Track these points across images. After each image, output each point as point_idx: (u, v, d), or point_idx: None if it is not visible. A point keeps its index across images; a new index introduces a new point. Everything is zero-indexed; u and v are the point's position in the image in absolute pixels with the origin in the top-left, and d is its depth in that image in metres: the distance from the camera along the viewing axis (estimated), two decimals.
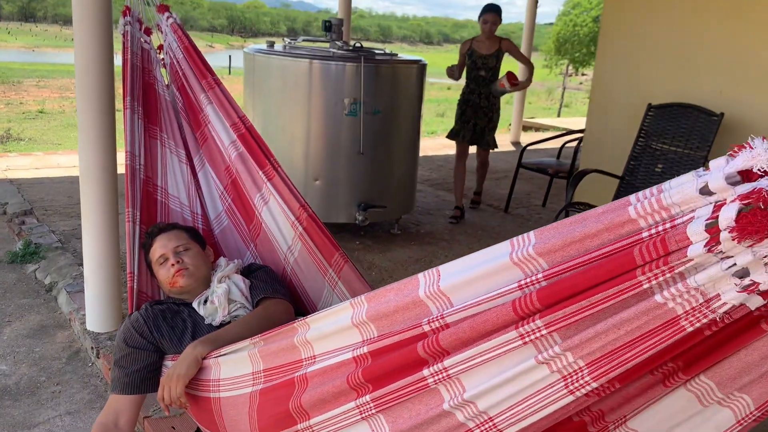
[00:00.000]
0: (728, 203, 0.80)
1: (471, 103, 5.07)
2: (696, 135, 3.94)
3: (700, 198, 0.84)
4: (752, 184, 0.78)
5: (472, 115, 5.08)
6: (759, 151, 0.79)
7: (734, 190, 0.80)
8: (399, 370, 1.22)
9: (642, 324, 0.91)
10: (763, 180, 0.78)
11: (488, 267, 1.08)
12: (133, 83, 2.34)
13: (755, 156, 0.79)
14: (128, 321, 1.98)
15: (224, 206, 2.42)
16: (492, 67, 5.01)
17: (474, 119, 5.08)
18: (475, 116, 5.07)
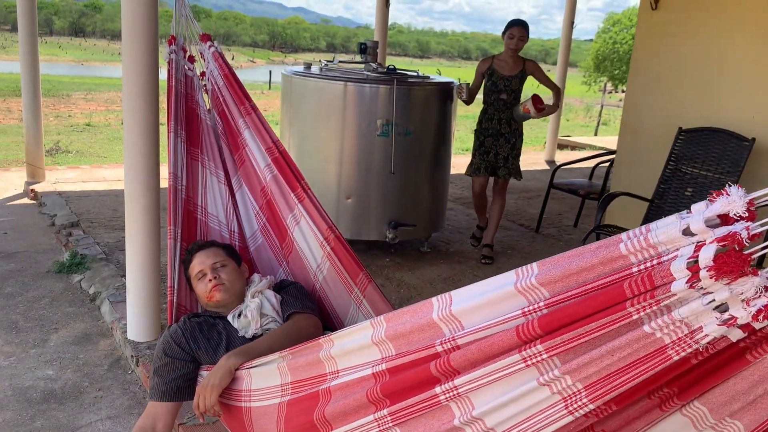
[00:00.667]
0: (707, 244, 0.88)
1: (490, 131, 4.51)
2: (727, 160, 3.95)
3: (683, 238, 0.92)
4: (728, 227, 0.86)
5: (492, 145, 4.51)
6: (734, 198, 0.87)
7: (713, 232, 0.88)
8: (414, 386, 1.32)
9: (633, 351, 0.99)
10: (738, 224, 0.86)
11: (495, 294, 1.18)
12: (177, 108, 2.49)
13: (731, 202, 0.87)
14: (168, 332, 2.11)
15: (259, 225, 2.55)
16: (515, 90, 4.47)
17: (495, 149, 4.51)
18: (496, 145, 4.50)
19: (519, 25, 4.42)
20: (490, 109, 4.52)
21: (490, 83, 4.49)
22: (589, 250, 1.03)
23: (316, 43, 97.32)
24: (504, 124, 4.48)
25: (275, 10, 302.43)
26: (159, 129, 3.01)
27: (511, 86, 4.46)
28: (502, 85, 4.46)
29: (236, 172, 2.61)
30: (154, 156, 2.99)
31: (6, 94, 16.47)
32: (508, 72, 4.46)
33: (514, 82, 4.47)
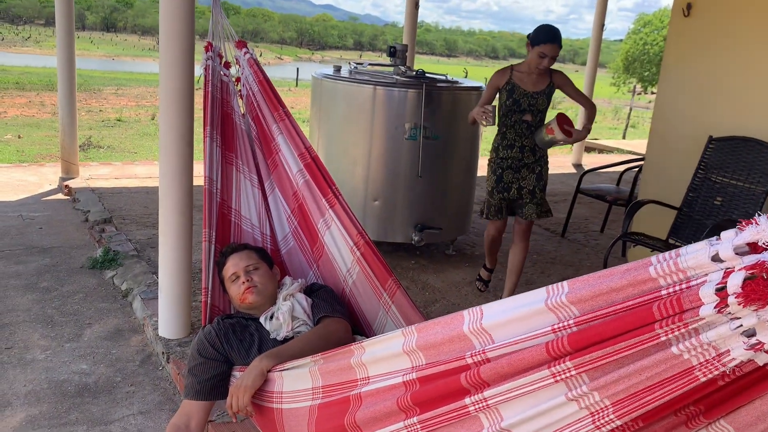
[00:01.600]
0: (736, 271, 0.90)
1: (510, 161, 3.57)
2: (758, 170, 3.92)
3: (712, 264, 0.94)
4: (757, 256, 0.89)
5: (513, 179, 3.59)
6: (764, 227, 0.89)
7: (741, 260, 0.90)
8: (444, 396, 1.35)
9: (661, 371, 1.02)
10: (766, 253, 0.88)
11: (525, 310, 1.21)
12: (213, 114, 2.55)
13: (760, 231, 0.89)
14: (202, 333, 2.18)
15: (291, 228, 2.61)
16: (542, 110, 3.57)
17: (517, 182, 3.59)
18: (518, 178, 3.58)
19: (554, 42, 3.40)
20: (510, 133, 3.55)
21: (510, 101, 3.51)
22: (619, 272, 1.06)
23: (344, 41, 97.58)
24: (528, 153, 3.55)
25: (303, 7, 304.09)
26: (194, 129, 3.08)
27: (537, 105, 3.51)
28: (526, 104, 3.50)
29: (269, 176, 2.67)
30: (188, 156, 3.06)
31: (39, 88, 16.82)
32: (533, 87, 3.51)
33: (541, 100, 3.52)
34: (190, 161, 3.08)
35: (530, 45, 3.50)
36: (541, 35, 3.44)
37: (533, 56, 3.46)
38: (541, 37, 3.44)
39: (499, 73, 3.63)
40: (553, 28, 3.48)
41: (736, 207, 3.95)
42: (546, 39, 3.43)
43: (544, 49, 3.42)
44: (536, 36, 3.46)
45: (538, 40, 3.44)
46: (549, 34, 3.43)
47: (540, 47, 3.43)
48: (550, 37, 3.43)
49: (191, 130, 3.06)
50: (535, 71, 3.49)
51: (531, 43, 3.49)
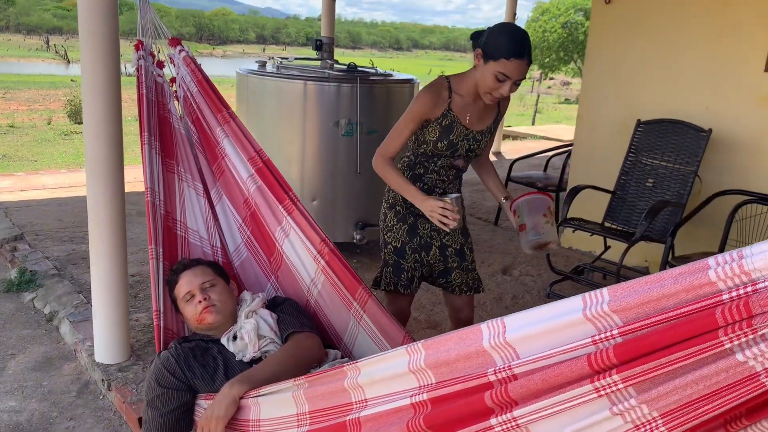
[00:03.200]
0: None
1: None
2: (685, 150, 4.05)
3: None
4: None
5: (434, 233, 2.44)
6: None
7: None
8: (464, 418, 1.25)
9: (721, 380, 0.96)
10: None
11: (559, 321, 1.12)
12: (149, 118, 2.34)
13: None
14: (159, 361, 1.98)
15: (243, 238, 2.43)
16: (480, 153, 2.47)
17: (439, 238, 2.44)
18: (440, 232, 2.44)
19: (523, 57, 2.15)
20: (430, 178, 2.41)
21: (444, 144, 2.33)
22: (670, 277, 0.99)
23: (245, 35, 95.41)
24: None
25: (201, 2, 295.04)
26: (123, 135, 2.83)
27: (478, 149, 2.41)
28: (465, 148, 2.37)
29: (215, 183, 2.48)
30: (117, 163, 2.80)
31: None
32: (478, 124, 2.37)
33: (484, 142, 2.43)
34: (120, 169, 2.82)
35: (482, 56, 2.19)
36: (504, 45, 2.13)
37: (487, 76, 2.18)
38: (504, 48, 2.13)
39: (431, 95, 2.29)
40: (521, 34, 2.18)
41: (668, 188, 4.07)
42: (512, 52, 2.13)
43: (508, 68, 2.13)
44: (495, 45, 2.15)
45: (498, 52, 2.14)
46: (517, 45, 2.14)
47: (500, 64, 2.13)
48: (519, 50, 2.13)
49: (120, 134, 2.80)
50: (485, 98, 2.25)
51: (485, 54, 2.18)
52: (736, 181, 3.96)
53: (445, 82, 2.34)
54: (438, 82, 2.34)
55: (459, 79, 2.34)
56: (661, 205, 3.81)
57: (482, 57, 2.20)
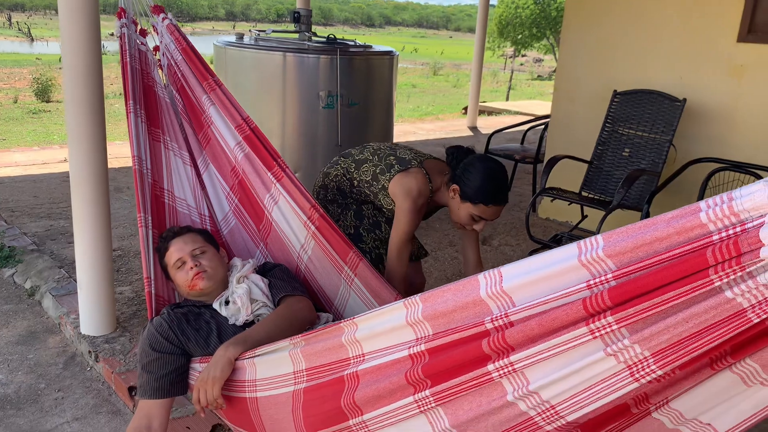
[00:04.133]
0: None
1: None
2: (661, 120, 4.13)
3: None
4: None
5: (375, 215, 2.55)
6: None
7: None
8: (462, 365, 1.30)
9: (710, 317, 1.01)
10: None
11: (554, 269, 1.17)
12: (134, 86, 2.32)
13: None
14: (152, 326, 1.99)
15: (231, 207, 2.44)
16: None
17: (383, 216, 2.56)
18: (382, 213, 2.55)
19: (502, 203, 2.23)
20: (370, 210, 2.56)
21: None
22: (662, 221, 1.04)
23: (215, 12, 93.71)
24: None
25: None
26: (104, 109, 2.81)
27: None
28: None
29: (201, 152, 2.47)
30: (100, 136, 2.78)
31: None
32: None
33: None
34: (102, 142, 2.81)
35: (459, 194, 2.24)
36: (483, 191, 2.18)
37: (462, 213, 2.26)
38: (483, 194, 2.18)
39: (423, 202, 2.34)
40: (500, 178, 2.21)
41: (643, 157, 4.16)
42: (492, 199, 2.19)
43: (486, 213, 2.22)
44: (474, 188, 2.19)
45: (477, 196, 2.19)
46: (497, 191, 2.19)
47: (478, 208, 2.21)
48: (499, 196, 2.20)
49: (102, 107, 2.78)
50: (454, 224, 2.38)
51: (462, 193, 2.23)
52: (709, 150, 4.06)
53: (429, 196, 2.36)
54: (425, 196, 2.34)
55: (437, 188, 2.37)
56: (637, 173, 3.89)
57: (459, 195, 2.24)
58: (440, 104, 13.81)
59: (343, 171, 2.53)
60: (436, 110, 12.54)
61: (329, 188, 2.57)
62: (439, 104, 13.81)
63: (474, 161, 2.26)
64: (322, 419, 1.59)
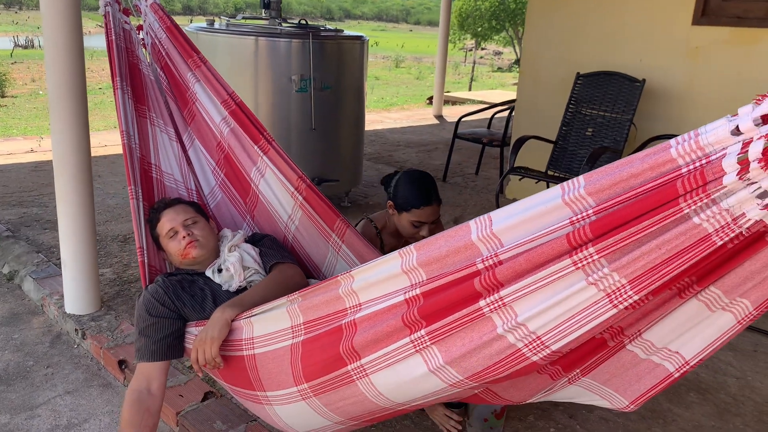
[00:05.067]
0: (755, 140, 1.03)
1: None
2: (621, 100, 4.31)
3: (731, 138, 1.07)
4: None
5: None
6: None
7: (759, 131, 1.03)
8: (455, 304, 1.41)
9: (680, 243, 1.14)
10: None
11: (539, 209, 1.29)
12: (120, 64, 2.37)
13: None
14: (147, 293, 2.06)
15: (217, 181, 2.51)
16: None
17: None
18: None
19: (430, 203, 2.37)
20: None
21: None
22: (637, 158, 1.16)
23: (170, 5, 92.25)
24: None
25: None
26: (86, 92, 2.85)
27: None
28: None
29: (186, 128, 2.54)
30: (82, 117, 2.82)
31: None
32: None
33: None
34: (85, 122, 2.85)
35: (395, 208, 2.42)
36: (411, 196, 2.36)
37: (405, 225, 2.41)
38: (412, 199, 2.35)
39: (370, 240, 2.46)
40: (425, 182, 2.39)
41: (606, 136, 4.34)
42: (421, 201, 2.34)
43: (422, 215, 2.36)
44: (404, 197, 2.38)
45: (408, 203, 2.36)
46: (423, 193, 2.36)
47: (413, 214, 2.36)
48: (426, 197, 2.35)
49: (83, 88, 2.82)
50: (409, 239, 2.45)
51: (396, 206, 2.41)
52: (667, 127, 4.25)
53: (376, 234, 2.57)
54: (371, 235, 2.53)
55: (382, 221, 2.59)
56: (600, 151, 4.07)
57: (395, 209, 2.44)
58: (404, 95, 13.93)
59: None
60: (401, 101, 12.66)
61: None
62: (403, 95, 13.93)
63: (398, 176, 2.46)
64: (320, 367, 1.69)
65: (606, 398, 1.67)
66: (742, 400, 2.65)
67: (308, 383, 1.74)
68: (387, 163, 6.34)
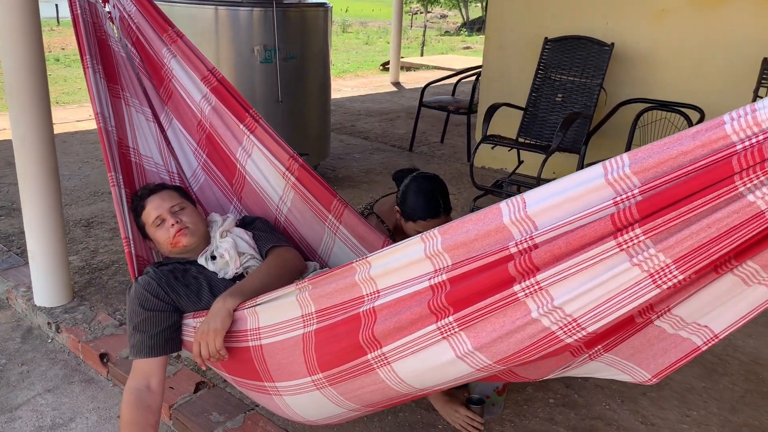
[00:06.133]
0: None
1: None
2: (591, 65, 4.31)
3: None
4: None
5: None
6: None
7: None
8: (486, 290, 1.36)
9: (730, 221, 1.11)
10: None
11: (579, 190, 1.24)
12: (88, 40, 2.21)
13: None
14: (138, 286, 1.95)
15: (199, 162, 2.39)
16: None
17: None
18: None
19: (438, 216, 2.27)
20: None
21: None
22: (687, 136, 1.12)
23: None
24: None
25: None
26: (46, 71, 2.66)
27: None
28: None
29: (164, 107, 2.39)
30: (43, 100, 2.64)
31: None
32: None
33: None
34: (46, 102, 2.66)
35: (402, 215, 2.34)
36: (420, 208, 2.27)
37: (410, 231, 2.31)
38: (420, 211, 2.27)
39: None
40: (434, 193, 2.29)
41: (576, 101, 4.34)
42: (428, 214, 2.26)
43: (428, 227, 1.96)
44: (412, 207, 2.29)
45: (415, 214, 2.28)
46: (431, 206, 2.26)
47: (419, 225, 2.27)
48: (434, 211, 2.26)
49: (43, 64, 2.63)
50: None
51: (403, 214, 2.32)
52: (636, 91, 4.28)
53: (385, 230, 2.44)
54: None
55: (392, 223, 2.47)
56: (573, 116, 4.07)
57: (402, 216, 2.33)
58: (355, 61, 13.71)
59: None
60: (353, 67, 12.46)
61: None
62: (354, 61, 13.71)
63: (409, 182, 2.35)
64: (337, 356, 1.62)
65: (628, 372, 1.66)
66: (728, 359, 2.71)
67: (323, 373, 1.67)
68: (350, 134, 6.23)
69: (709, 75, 4.08)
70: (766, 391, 2.52)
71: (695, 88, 4.10)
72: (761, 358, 2.74)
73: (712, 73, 4.07)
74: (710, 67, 4.07)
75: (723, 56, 4.01)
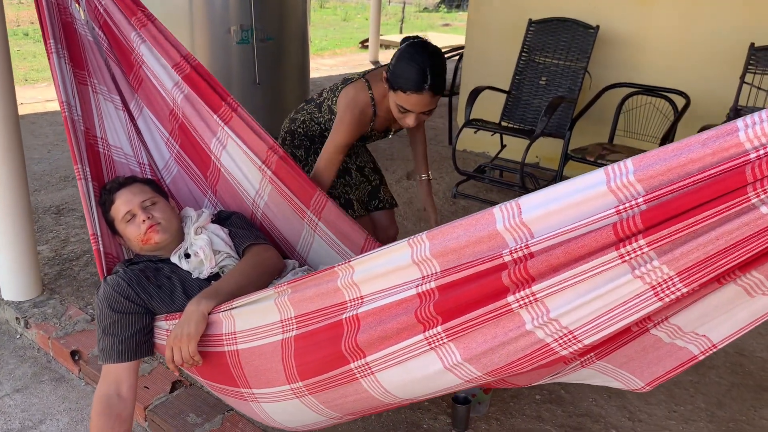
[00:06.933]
0: None
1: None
2: (575, 47, 4.23)
3: None
4: None
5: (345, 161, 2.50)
6: None
7: None
8: (478, 300, 1.28)
9: (740, 234, 1.04)
10: None
11: (579, 196, 1.16)
12: (53, 23, 2.07)
13: None
14: (107, 286, 1.84)
15: (172, 154, 2.27)
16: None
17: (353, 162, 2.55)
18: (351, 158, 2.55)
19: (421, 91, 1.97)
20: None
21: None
22: (696, 142, 1.05)
23: None
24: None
25: None
26: (9, 49, 2.51)
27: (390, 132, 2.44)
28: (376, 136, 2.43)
29: (133, 95, 2.27)
30: (5, 72, 2.49)
31: None
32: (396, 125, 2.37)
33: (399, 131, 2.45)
34: (9, 78, 2.52)
35: (388, 83, 2.05)
36: (404, 76, 1.97)
37: (392, 104, 2.06)
38: (403, 80, 1.97)
39: (359, 124, 2.21)
40: (425, 63, 1.95)
41: (560, 84, 4.26)
42: (411, 85, 1.96)
43: (407, 102, 2.00)
44: (397, 74, 2.00)
45: (397, 83, 1.99)
46: (417, 78, 1.95)
47: (399, 97, 2.01)
48: (419, 84, 1.95)
49: (6, 42, 2.48)
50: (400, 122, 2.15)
51: (388, 81, 2.04)
52: (621, 75, 4.21)
53: (370, 103, 2.22)
54: (363, 103, 2.20)
55: (380, 94, 2.20)
56: (558, 100, 3.99)
57: (388, 82, 2.05)
58: (333, 38, 13.49)
59: (309, 116, 2.47)
60: (331, 45, 12.25)
61: (296, 134, 2.50)
62: (332, 38, 13.49)
63: (405, 47, 2.03)
64: (318, 365, 1.55)
65: (620, 380, 1.61)
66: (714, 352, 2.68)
67: (303, 381, 1.60)
68: None
69: (696, 60, 4.02)
70: (752, 385, 2.49)
71: (681, 73, 4.04)
72: (746, 350, 2.72)
73: (699, 58, 4.01)
74: (697, 52, 4.01)
75: (710, 41, 3.95)
